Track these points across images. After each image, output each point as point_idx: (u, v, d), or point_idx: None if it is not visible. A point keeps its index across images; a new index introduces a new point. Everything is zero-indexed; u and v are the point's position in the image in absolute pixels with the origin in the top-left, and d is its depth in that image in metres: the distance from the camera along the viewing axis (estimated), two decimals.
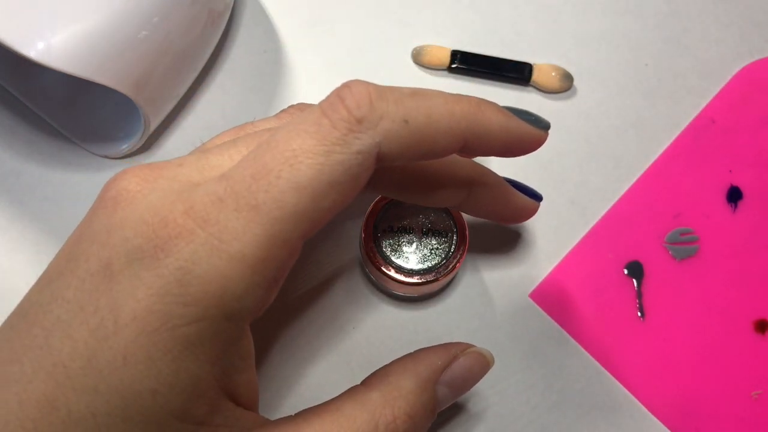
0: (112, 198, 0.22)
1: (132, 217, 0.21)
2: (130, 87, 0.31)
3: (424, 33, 0.39)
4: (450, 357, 0.27)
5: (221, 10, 0.36)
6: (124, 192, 0.22)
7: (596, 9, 0.40)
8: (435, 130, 0.22)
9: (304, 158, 0.20)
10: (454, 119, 0.22)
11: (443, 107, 0.22)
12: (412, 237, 0.33)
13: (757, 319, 0.35)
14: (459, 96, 0.23)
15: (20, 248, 0.35)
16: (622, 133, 0.38)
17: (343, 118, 0.21)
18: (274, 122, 0.27)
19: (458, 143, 0.23)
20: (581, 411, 0.33)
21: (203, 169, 0.23)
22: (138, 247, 0.21)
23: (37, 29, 0.28)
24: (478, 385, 0.33)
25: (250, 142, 0.24)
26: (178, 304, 0.20)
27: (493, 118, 0.24)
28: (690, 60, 0.39)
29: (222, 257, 0.20)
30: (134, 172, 0.23)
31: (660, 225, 0.36)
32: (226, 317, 0.21)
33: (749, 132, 0.38)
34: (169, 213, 0.21)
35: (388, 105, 0.21)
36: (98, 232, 0.22)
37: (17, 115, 0.37)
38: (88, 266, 0.21)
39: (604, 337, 0.34)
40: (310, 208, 0.21)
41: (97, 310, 0.21)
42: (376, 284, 0.34)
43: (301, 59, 0.39)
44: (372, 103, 0.21)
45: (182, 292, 0.20)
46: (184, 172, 0.22)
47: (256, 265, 0.20)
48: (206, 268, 0.20)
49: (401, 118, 0.21)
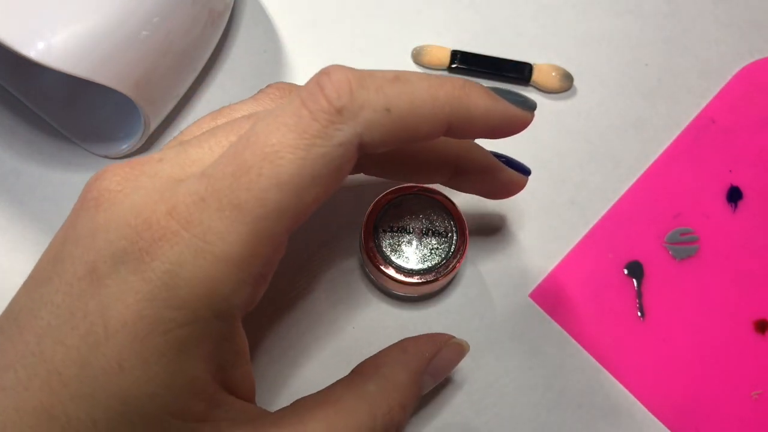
0: (94, 199, 0.22)
1: (115, 219, 0.21)
2: (130, 87, 0.31)
3: (424, 33, 0.39)
4: (436, 349, 0.28)
5: (221, 10, 0.36)
6: (106, 192, 0.22)
7: (596, 9, 0.40)
8: (418, 117, 0.22)
9: (285, 153, 0.20)
10: (437, 104, 0.22)
11: (426, 92, 0.22)
12: (412, 237, 0.33)
13: (757, 319, 0.35)
14: (443, 79, 0.22)
15: (20, 248, 0.35)
16: (622, 133, 0.38)
17: (323, 108, 0.20)
18: (252, 106, 0.26)
19: (442, 128, 0.22)
20: (581, 411, 0.33)
21: (184, 165, 0.22)
22: (123, 249, 0.20)
23: (37, 29, 0.28)
24: (479, 385, 0.34)
25: (229, 131, 0.23)
26: (167, 308, 0.20)
27: (479, 101, 0.23)
28: (690, 60, 0.39)
29: (207, 258, 0.20)
30: (114, 170, 0.22)
31: (660, 225, 0.36)
32: (217, 317, 0.21)
33: (749, 132, 0.38)
34: (152, 214, 0.21)
35: (369, 93, 0.21)
36: (82, 235, 0.21)
37: (17, 115, 0.37)
38: (75, 270, 0.21)
39: (604, 337, 0.34)
40: (293, 203, 0.20)
41: (87, 315, 0.20)
42: (376, 284, 0.34)
43: (301, 59, 0.39)
44: (352, 92, 0.20)
45: (171, 296, 0.20)
46: (165, 168, 0.22)
47: (241, 263, 0.20)
48: (193, 270, 0.20)
49: (383, 107, 0.21)
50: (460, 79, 0.23)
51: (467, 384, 0.33)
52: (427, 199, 0.33)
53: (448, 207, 0.33)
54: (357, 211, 0.34)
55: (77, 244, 0.21)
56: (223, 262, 0.20)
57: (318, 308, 0.34)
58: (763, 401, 0.34)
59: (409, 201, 0.33)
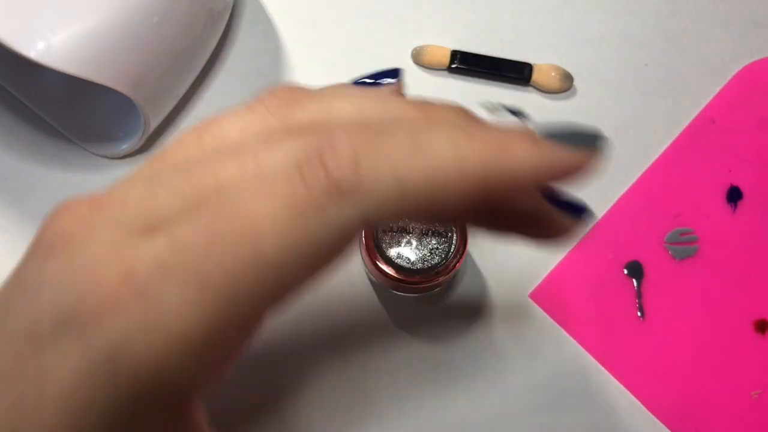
0: (47, 244, 0.20)
1: (63, 274, 0.19)
2: (130, 87, 0.31)
3: (424, 33, 0.39)
4: None
5: (221, 9, 0.36)
6: (61, 236, 0.20)
7: (596, 9, 0.40)
8: (439, 192, 0.17)
9: (269, 227, 0.17)
10: (465, 173, 0.17)
11: (451, 156, 0.17)
12: (412, 237, 0.33)
13: (757, 319, 0.35)
14: (474, 129, 0.18)
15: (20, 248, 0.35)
16: (622, 133, 0.38)
17: (321, 184, 0.17)
18: (246, 119, 0.21)
19: (476, 199, 0.18)
20: (581, 411, 0.33)
21: (149, 214, 0.19)
22: (66, 314, 0.18)
23: (37, 29, 0.28)
24: (478, 385, 0.33)
25: (209, 173, 0.19)
26: (107, 387, 0.18)
27: (523, 155, 0.18)
28: (690, 60, 0.39)
29: (159, 338, 0.17)
30: (73, 210, 0.20)
31: (660, 225, 0.36)
32: (163, 402, 0.18)
33: (749, 132, 0.38)
34: (104, 277, 0.18)
35: (378, 163, 0.17)
36: (30, 286, 0.20)
37: (17, 115, 0.37)
38: (17, 326, 0.19)
39: (604, 337, 0.34)
40: (271, 285, 0.17)
41: (22, 380, 0.18)
42: (376, 284, 0.34)
43: (301, 59, 0.39)
44: (357, 164, 0.17)
45: (112, 374, 0.18)
46: (128, 214, 0.19)
47: (200, 349, 0.18)
48: (140, 349, 0.17)
49: (393, 179, 0.17)
50: (495, 129, 0.18)
51: (467, 384, 0.33)
52: None
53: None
54: None
55: (24, 293, 0.20)
56: (178, 345, 0.17)
57: (318, 308, 0.34)
58: (763, 401, 0.34)
59: None
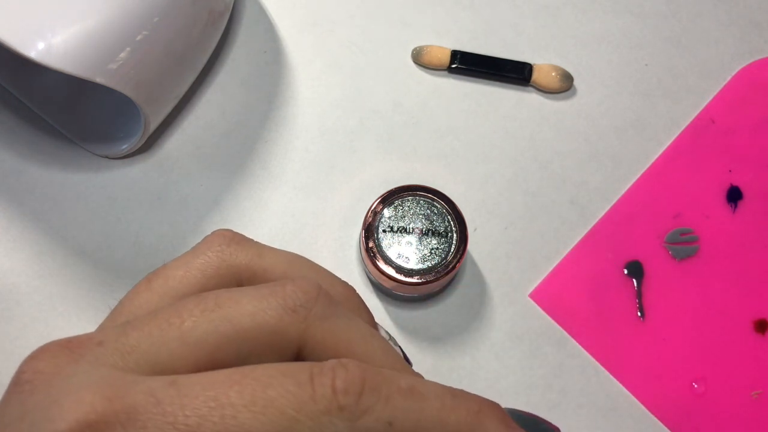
0: (28, 382, 0.20)
1: (47, 404, 0.19)
2: (130, 87, 0.31)
3: (424, 33, 0.39)
4: None
5: (221, 10, 0.36)
6: (41, 375, 0.20)
7: (596, 9, 0.40)
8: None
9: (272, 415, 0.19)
10: (445, 430, 0.21)
11: (436, 415, 0.21)
12: (412, 237, 0.33)
13: (757, 319, 0.35)
14: (459, 399, 0.21)
15: (20, 248, 0.35)
16: (622, 133, 0.38)
17: (326, 396, 0.19)
18: (189, 265, 0.22)
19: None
20: (581, 411, 0.33)
21: (124, 352, 0.20)
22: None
23: (37, 29, 0.28)
24: (479, 386, 0.33)
25: (172, 313, 0.20)
26: None
27: (492, 430, 0.21)
28: (690, 60, 0.39)
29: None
30: (51, 351, 0.20)
31: (660, 225, 0.36)
32: None
33: (749, 132, 0.38)
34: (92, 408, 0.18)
35: (377, 400, 0.20)
36: (12, 419, 0.20)
37: (17, 115, 0.37)
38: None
39: (604, 337, 0.34)
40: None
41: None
42: (376, 284, 0.34)
43: (301, 59, 0.39)
44: (361, 395, 0.20)
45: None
46: (106, 354, 0.20)
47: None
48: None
49: (386, 419, 0.20)
50: (478, 402, 0.21)
51: (467, 384, 0.33)
52: (427, 199, 0.33)
53: (448, 207, 0.33)
54: (357, 211, 0.34)
55: (5, 430, 0.19)
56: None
57: None
58: (763, 401, 0.34)
59: (409, 201, 0.33)
